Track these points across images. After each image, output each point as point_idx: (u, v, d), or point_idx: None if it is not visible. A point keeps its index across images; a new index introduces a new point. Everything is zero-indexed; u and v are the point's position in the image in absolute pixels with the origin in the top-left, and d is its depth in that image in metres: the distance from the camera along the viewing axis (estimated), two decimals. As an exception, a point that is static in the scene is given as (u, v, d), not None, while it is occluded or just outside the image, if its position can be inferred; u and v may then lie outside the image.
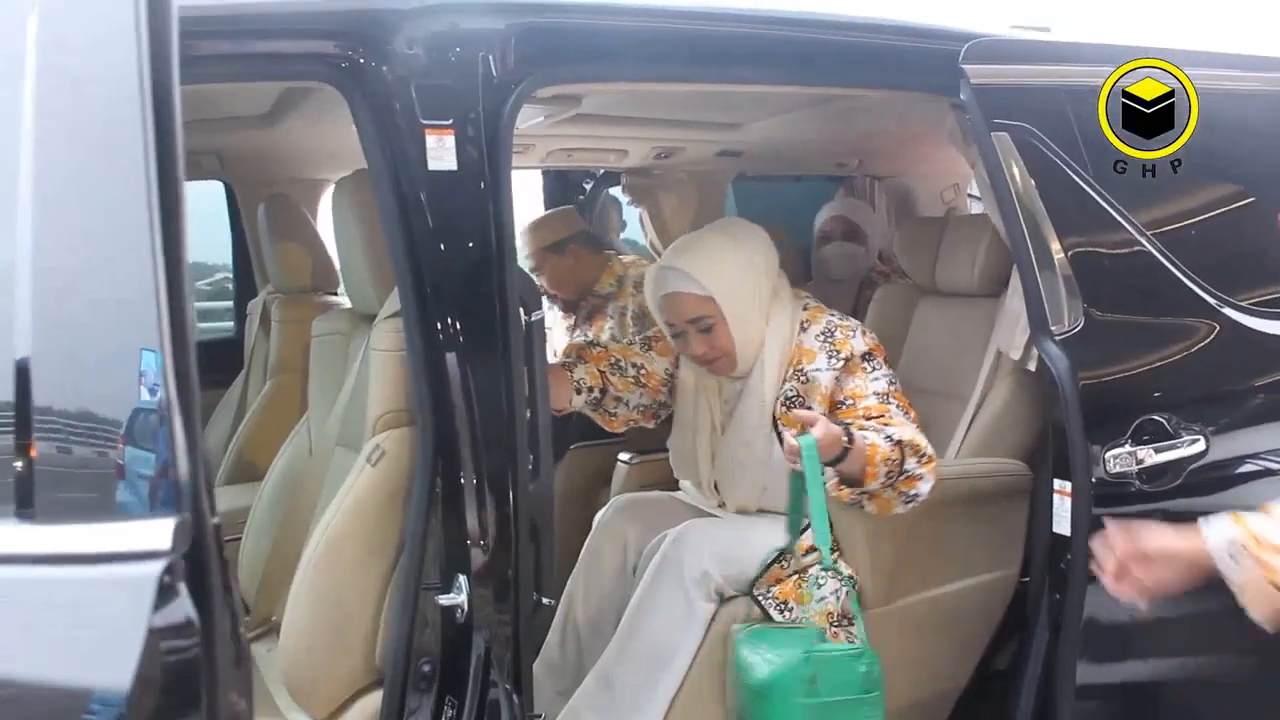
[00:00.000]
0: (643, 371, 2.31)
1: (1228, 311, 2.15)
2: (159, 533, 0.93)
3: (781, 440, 2.06)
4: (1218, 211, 2.27)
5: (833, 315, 2.21)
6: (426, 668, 1.71)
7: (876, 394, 2.10)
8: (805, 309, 2.22)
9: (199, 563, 0.94)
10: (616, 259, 3.47)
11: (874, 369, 2.13)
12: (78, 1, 1.11)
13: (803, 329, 2.19)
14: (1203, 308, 2.13)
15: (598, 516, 2.40)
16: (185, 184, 1.02)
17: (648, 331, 2.42)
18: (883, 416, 2.06)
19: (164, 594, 0.93)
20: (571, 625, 2.25)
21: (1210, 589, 1.39)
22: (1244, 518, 1.39)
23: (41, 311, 1.04)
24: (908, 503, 2.00)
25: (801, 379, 2.14)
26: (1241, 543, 1.37)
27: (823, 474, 1.83)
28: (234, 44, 1.59)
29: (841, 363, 2.12)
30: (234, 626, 1.01)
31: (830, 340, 2.15)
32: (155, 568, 0.93)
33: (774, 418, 2.16)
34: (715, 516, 2.28)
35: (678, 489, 2.45)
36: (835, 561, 2.01)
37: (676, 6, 1.86)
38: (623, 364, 2.31)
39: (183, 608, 0.94)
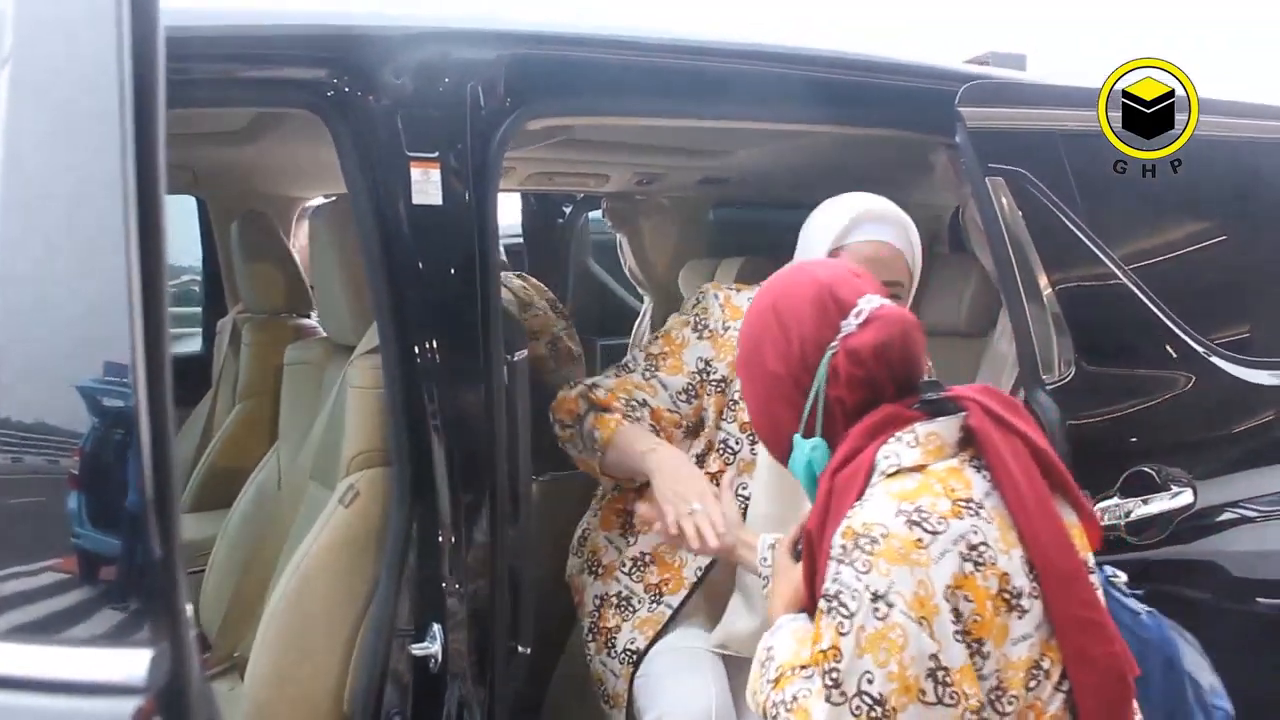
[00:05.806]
0: (647, 410, 1.90)
1: (1215, 360, 2.14)
2: (130, 664, 0.79)
3: None
4: (1208, 258, 2.26)
5: None
6: (397, 718, 1.64)
7: None
8: None
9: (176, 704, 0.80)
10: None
11: None
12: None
13: None
14: (1192, 357, 2.11)
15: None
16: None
17: (650, 346, 1.97)
18: None
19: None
20: None
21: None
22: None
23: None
24: None
25: None
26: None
27: None
28: (213, 68, 1.52)
29: None
30: None
31: None
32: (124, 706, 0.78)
33: None
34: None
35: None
36: None
37: (672, 41, 1.81)
38: (634, 402, 1.91)
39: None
